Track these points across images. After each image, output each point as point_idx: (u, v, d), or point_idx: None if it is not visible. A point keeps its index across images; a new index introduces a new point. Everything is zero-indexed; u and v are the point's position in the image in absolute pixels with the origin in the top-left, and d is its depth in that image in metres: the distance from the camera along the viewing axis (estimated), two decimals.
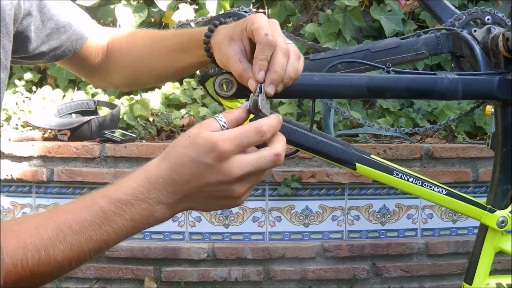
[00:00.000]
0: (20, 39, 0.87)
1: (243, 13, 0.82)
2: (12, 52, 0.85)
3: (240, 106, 0.70)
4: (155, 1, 2.62)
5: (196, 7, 2.70)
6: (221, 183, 0.66)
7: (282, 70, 0.72)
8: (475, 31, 1.04)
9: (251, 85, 0.72)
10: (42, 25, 0.89)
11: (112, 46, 1.00)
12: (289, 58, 0.73)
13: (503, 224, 1.03)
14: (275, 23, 0.75)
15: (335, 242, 2.14)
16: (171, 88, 2.61)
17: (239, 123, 0.69)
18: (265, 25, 0.73)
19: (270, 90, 0.71)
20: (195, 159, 0.65)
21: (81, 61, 0.99)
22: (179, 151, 0.66)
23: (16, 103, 2.55)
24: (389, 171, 0.97)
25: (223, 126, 0.67)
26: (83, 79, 2.71)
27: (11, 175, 2.12)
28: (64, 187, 2.11)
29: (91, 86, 2.71)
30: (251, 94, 0.71)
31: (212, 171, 0.65)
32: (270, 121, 0.68)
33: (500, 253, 1.07)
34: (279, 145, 0.68)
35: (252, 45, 0.75)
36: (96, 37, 0.99)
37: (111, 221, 0.65)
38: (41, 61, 0.95)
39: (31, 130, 2.42)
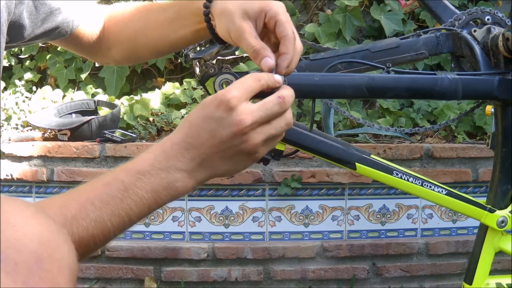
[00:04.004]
0: (15, 28, 0.86)
1: None
2: (8, 42, 0.85)
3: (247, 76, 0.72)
4: (154, 2, 2.62)
5: None
6: (235, 135, 0.67)
7: (294, 68, 0.76)
8: (475, 31, 1.04)
9: (266, 63, 0.73)
10: (36, 10, 0.89)
11: (109, 22, 1.00)
12: None
13: (503, 224, 1.03)
14: (289, 18, 0.78)
15: (335, 242, 2.14)
16: (171, 88, 2.61)
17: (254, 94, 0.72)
18: (289, 20, 0.76)
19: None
20: (206, 117, 0.67)
21: (79, 40, 0.99)
22: (191, 117, 0.69)
23: (16, 103, 2.55)
24: (389, 171, 0.97)
25: None
26: (83, 79, 2.73)
27: (11, 175, 2.12)
28: (64, 187, 2.11)
29: (91, 86, 2.71)
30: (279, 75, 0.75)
31: (224, 124, 0.67)
32: (266, 73, 0.72)
33: (500, 253, 1.07)
34: (283, 90, 0.71)
35: (263, 29, 0.77)
36: (92, 16, 0.99)
37: (132, 193, 0.66)
38: (37, 41, 0.96)
39: (31, 130, 2.43)
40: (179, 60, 2.83)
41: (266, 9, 0.75)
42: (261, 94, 0.72)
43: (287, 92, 0.71)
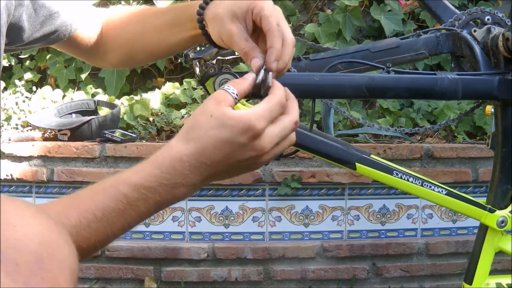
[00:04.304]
0: (14, 30, 0.86)
1: None
2: (7, 44, 0.85)
3: (245, 78, 0.72)
4: (154, 2, 2.62)
5: None
6: (252, 157, 0.68)
7: (289, 61, 0.75)
8: (475, 31, 1.04)
9: (255, 63, 0.73)
10: (35, 13, 0.89)
11: (106, 26, 1.00)
12: None
13: (503, 224, 1.03)
14: (280, 11, 0.76)
15: (335, 242, 2.14)
16: (171, 88, 2.61)
17: (246, 94, 0.72)
18: (275, 13, 0.75)
19: (274, 76, 0.75)
20: (229, 141, 0.65)
21: (77, 44, 0.99)
22: (208, 133, 0.66)
23: (16, 103, 2.55)
24: (389, 171, 0.97)
25: (235, 99, 0.69)
26: (83, 79, 2.73)
27: (11, 175, 2.12)
28: (64, 187, 2.11)
29: (91, 86, 2.71)
30: (262, 70, 0.74)
31: (245, 149, 0.66)
32: (284, 91, 0.71)
33: (500, 253, 1.07)
34: (295, 112, 0.71)
35: (254, 27, 0.76)
36: (90, 20, 0.99)
37: (134, 206, 0.65)
38: (35, 46, 0.95)
39: (31, 130, 2.43)
40: (179, 60, 2.83)
41: (252, 6, 0.75)
42: (256, 92, 0.72)
43: (297, 112, 0.71)
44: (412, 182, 0.98)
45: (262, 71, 0.73)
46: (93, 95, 2.66)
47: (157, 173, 0.66)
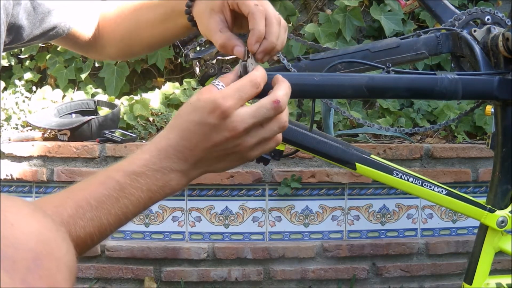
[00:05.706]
0: (14, 29, 0.87)
1: None
2: (8, 43, 0.85)
3: (233, 71, 0.72)
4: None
5: None
6: (228, 139, 0.67)
7: (276, 39, 0.73)
8: (475, 31, 1.04)
9: (238, 52, 0.73)
10: (34, 11, 0.89)
11: (103, 22, 1.01)
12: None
13: (503, 224, 1.03)
14: None
15: (335, 242, 2.14)
16: (171, 88, 2.61)
17: (232, 82, 0.70)
18: None
19: (261, 56, 0.73)
20: (200, 122, 0.66)
21: (76, 39, 1.00)
22: (184, 118, 0.68)
23: (16, 103, 2.55)
24: (389, 171, 0.97)
25: (220, 89, 0.69)
26: (83, 79, 2.73)
27: (11, 175, 2.12)
28: (64, 187, 2.11)
29: (91, 86, 2.71)
30: (240, 60, 0.73)
31: (217, 130, 0.66)
32: (261, 72, 0.70)
33: (500, 253, 1.07)
34: (279, 92, 0.68)
35: (235, 15, 0.75)
36: (87, 15, 1.00)
37: (128, 193, 0.66)
38: (35, 43, 0.96)
39: (31, 130, 2.43)
40: (179, 60, 2.83)
41: None
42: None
43: (283, 93, 0.68)
44: (412, 182, 0.98)
45: (240, 61, 0.72)
46: (93, 95, 2.66)
47: (146, 157, 0.67)
